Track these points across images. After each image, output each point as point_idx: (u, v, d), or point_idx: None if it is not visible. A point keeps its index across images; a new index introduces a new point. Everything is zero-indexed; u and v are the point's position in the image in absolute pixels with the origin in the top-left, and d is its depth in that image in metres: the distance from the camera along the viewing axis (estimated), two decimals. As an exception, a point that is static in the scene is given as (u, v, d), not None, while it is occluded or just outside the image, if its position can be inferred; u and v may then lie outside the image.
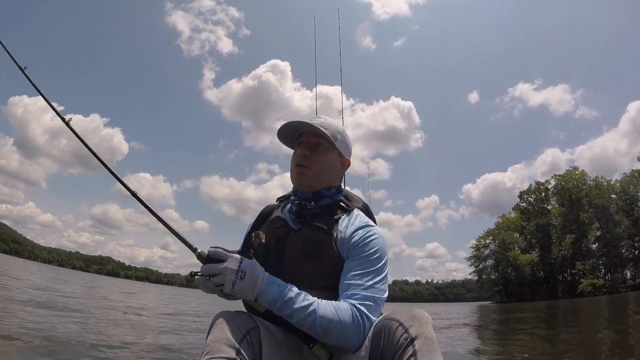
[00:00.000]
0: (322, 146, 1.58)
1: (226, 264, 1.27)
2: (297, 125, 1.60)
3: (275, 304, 1.29)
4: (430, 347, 1.10)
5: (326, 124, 1.59)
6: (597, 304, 25.96)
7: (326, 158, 1.60)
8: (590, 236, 55.25)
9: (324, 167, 1.59)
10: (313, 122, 1.57)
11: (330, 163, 1.61)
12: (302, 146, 1.59)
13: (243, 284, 1.26)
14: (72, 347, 4.36)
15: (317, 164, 1.58)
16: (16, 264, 39.46)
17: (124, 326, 6.97)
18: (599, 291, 46.49)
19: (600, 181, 55.69)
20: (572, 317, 14.12)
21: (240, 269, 1.27)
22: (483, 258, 61.22)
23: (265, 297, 1.29)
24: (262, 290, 1.28)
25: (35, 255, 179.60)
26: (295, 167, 1.58)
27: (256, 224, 1.71)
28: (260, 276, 1.30)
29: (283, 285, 1.32)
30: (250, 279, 1.27)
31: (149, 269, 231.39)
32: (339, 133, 1.62)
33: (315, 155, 1.58)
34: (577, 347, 6.32)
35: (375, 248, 1.45)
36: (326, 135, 1.55)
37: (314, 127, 1.55)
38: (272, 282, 1.31)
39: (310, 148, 1.58)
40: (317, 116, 1.67)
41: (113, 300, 14.66)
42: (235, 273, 1.26)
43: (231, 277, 1.25)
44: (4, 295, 8.20)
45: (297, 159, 1.58)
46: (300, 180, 1.58)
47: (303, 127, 1.60)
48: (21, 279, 16.73)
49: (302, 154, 1.57)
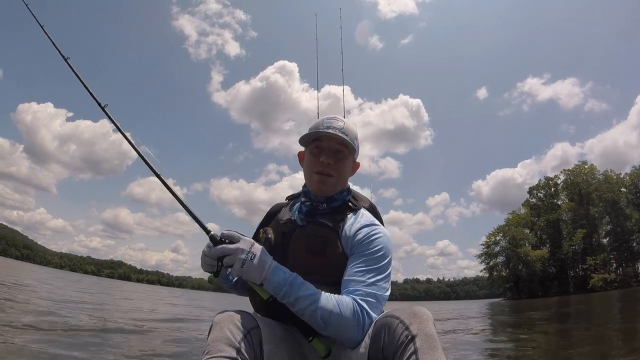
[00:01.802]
0: (342, 154, 1.59)
1: (238, 244, 1.33)
2: (324, 134, 1.57)
3: (280, 289, 1.31)
4: (431, 345, 1.11)
5: (346, 129, 1.59)
6: (609, 299, 25.68)
7: (346, 165, 1.62)
8: (601, 230, 54.95)
9: (344, 174, 1.62)
10: (332, 126, 1.57)
11: (348, 169, 1.64)
12: (324, 153, 1.57)
13: (252, 265, 1.30)
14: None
15: (338, 172, 1.59)
16: (26, 269, 39.41)
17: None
18: (611, 286, 46.27)
19: (609, 175, 55.41)
20: (584, 314, 14.13)
21: (252, 251, 1.32)
22: (494, 255, 61.10)
23: (271, 282, 1.31)
24: (269, 275, 1.31)
25: (47, 261, 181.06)
26: (316, 174, 1.58)
27: (264, 222, 1.73)
28: (269, 261, 1.34)
29: (289, 273, 1.35)
30: (259, 261, 1.31)
31: (160, 272, 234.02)
32: (355, 138, 1.63)
33: (337, 164, 1.58)
34: (590, 342, 6.28)
35: (380, 246, 1.46)
36: (348, 143, 1.56)
37: (340, 137, 1.55)
38: (279, 269, 1.35)
39: (333, 155, 1.58)
40: (333, 116, 1.65)
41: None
42: (246, 253, 1.31)
43: (242, 257, 1.30)
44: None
45: (319, 166, 1.57)
46: (322, 189, 1.58)
47: (329, 135, 1.56)
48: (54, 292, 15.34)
49: (327, 163, 1.56)
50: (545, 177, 64.57)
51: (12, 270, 24.55)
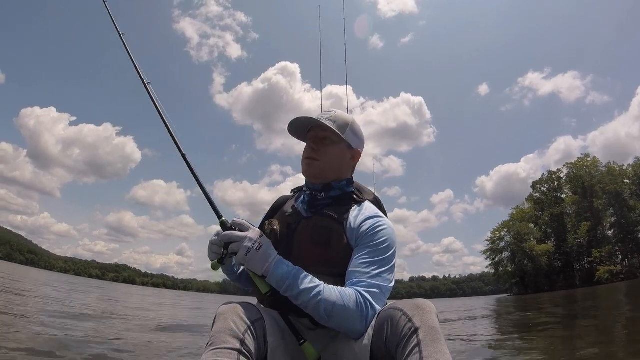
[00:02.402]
0: (329, 139, 1.62)
1: (247, 233, 1.35)
2: (305, 120, 1.65)
3: (283, 283, 1.32)
4: (434, 337, 1.11)
5: (334, 117, 1.63)
6: (615, 291, 25.62)
7: (333, 150, 1.63)
8: (606, 223, 54.85)
9: (332, 159, 1.62)
10: (322, 116, 1.63)
11: (338, 155, 1.64)
12: (311, 140, 1.64)
13: (257, 254, 1.32)
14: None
15: (324, 156, 1.61)
16: (31, 274, 39.42)
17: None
18: (617, 278, 46.20)
19: (612, 167, 55.38)
20: (592, 308, 14.05)
21: (259, 242, 1.34)
22: (499, 250, 60.71)
23: (273, 275, 1.32)
24: (271, 268, 1.33)
25: (51, 265, 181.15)
26: (304, 160, 1.64)
27: (270, 214, 1.76)
28: (273, 254, 1.35)
29: (292, 266, 1.36)
30: (264, 253, 1.33)
31: (166, 276, 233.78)
32: (347, 125, 1.64)
33: (323, 148, 1.61)
34: (599, 336, 6.23)
35: (384, 238, 1.47)
36: (332, 130, 1.59)
37: (318, 122, 1.61)
38: (282, 262, 1.35)
39: (319, 141, 1.62)
40: (328, 110, 1.70)
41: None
42: (253, 242, 1.33)
43: (247, 245, 1.32)
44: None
45: (306, 152, 1.64)
46: (308, 172, 1.63)
47: (311, 122, 1.65)
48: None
49: (310, 148, 1.62)
50: (548, 171, 64.48)
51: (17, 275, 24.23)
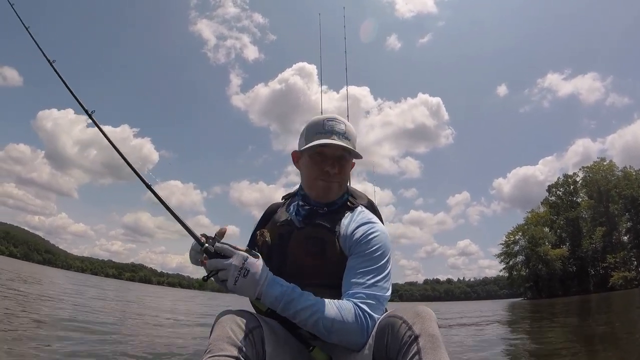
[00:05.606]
0: (345, 159, 1.55)
1: (231, 260, 1.27)
2: (337, 146, 1.51)
3: (278, 304, 1.28)
4: (435, 345, 1.09)
5: (348, 133, 1.54)
6: (630, 297, 25.35)
7: (348, 168, 1.59)
8: (621, 228, 54.36)
9: (347, 178, 1.59)
10: (335, 130, 1.52)
11: (349, 171, 1.61)
12: (329, 161, 1.52)
13: (245, 281, 1.25)
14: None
15: (342, 177, 1.56)
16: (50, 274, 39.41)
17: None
18: (631, 284, 45.79)
19: (629, 171, 54.79)
20: (604, 314, 14.09)
21: (244, 267, 1.26)
22: (513, 254, 60.75)
23: (267, 297, 1.28)
24: (264, 290, 1.28)
25: (68, 265, 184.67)
26: (320, 181, 1.54)
27: (261, 222, 1.71)
28: (264, 276, 1.29)
29: (286, 285, 1.31)
30: (252, 277, 1.26)
31: (181, 275, 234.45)
32: (356, 139, 1.58)
33: (341, 169, 1.54)
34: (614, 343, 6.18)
35: (378, 245, 1.44)
36: (351, 150, 1.52)
37: (351, 149, 1.51)
38: (275, 283, 1.30)
39: (337, 163, 1.53)
40: (333, 117, 1.58)
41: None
42: (238, 270, 1.25)
43: (234, 274, 1.25)
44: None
45: (324, 174, 1.52)
46: (328, 195, 1.56)
47: (335, 147, 1.51)
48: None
49: (334, 173, 1.52)
50: (564, 175, 64.44)
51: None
